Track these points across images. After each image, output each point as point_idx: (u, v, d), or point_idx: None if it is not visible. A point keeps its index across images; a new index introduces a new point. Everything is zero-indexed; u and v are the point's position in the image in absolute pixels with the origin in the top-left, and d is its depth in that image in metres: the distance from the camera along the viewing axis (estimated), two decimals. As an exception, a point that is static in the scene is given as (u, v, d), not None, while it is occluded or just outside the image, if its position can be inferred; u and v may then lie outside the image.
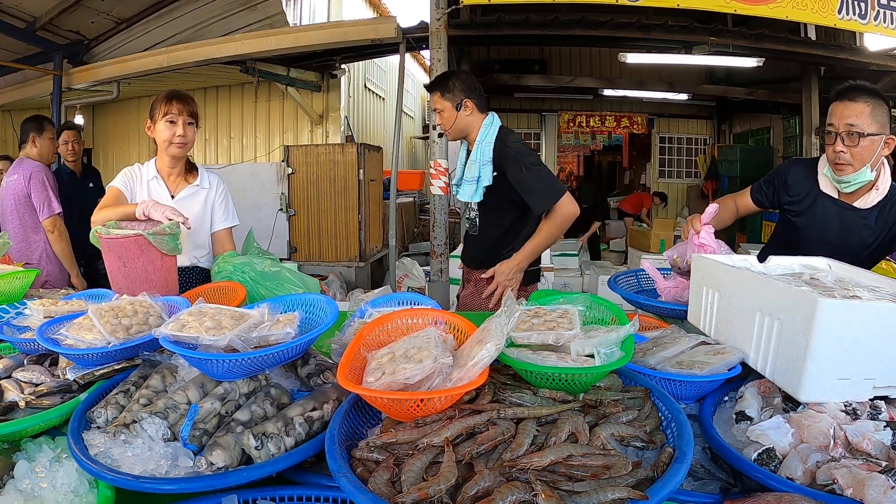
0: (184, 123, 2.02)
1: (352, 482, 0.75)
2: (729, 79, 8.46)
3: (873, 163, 1.67)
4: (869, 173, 1.68)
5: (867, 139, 1.63)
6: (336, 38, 5.32)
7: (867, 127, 1.63)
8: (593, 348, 1.01)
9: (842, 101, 1.68)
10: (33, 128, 3.40)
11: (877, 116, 1.64)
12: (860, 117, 1.63)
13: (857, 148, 1.64)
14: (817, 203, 1.81)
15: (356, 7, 9.56)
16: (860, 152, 1.65)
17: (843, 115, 1.66)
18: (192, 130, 2.06)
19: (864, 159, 1.66)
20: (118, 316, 1.23)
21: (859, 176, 1.68)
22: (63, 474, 0.90)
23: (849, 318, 0.95)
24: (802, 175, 1.86)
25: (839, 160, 1.68)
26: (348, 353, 1.01)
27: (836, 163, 1.70)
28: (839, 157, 1.67)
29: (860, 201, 1.75)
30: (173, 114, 2.01)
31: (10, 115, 7.95)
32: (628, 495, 0.72)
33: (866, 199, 1.75)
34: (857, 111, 1.64)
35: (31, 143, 3.37)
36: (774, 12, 4.18)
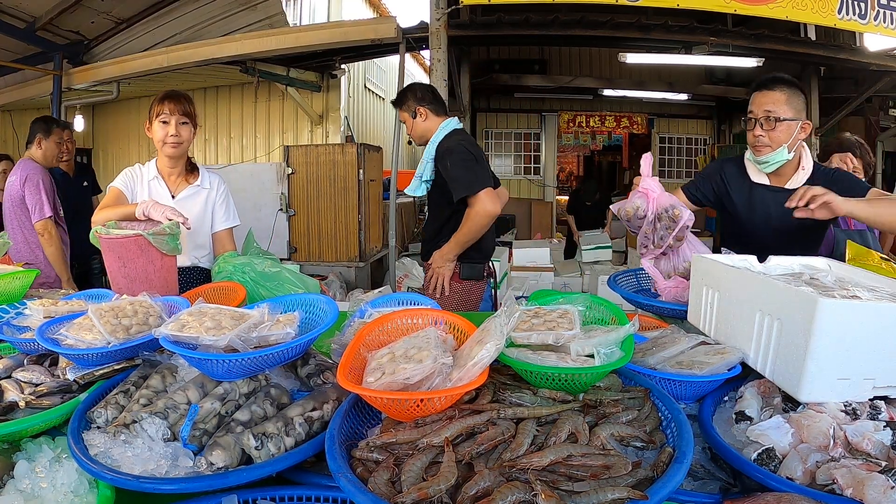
0: (177, 123, 2.02)
1: (352, 482, 0.75)
2: (729, 79, 8.46)
3: (790, 145, 1.83)
4: (786, 153, 1.84)
5: (783, 124, 1.80)
6: (336, 38, 5.31)
7: (783, 113, 1.80)
8: (593, 348, 1.01)
9: (760, 90, 1.86)
10: (41, 129, 3.41)
11: (793, 103, 1.81)
12: (777, 104, 1.81)
13: (774, 131, 1.81)
14: (753, 193, 1.95)
15: (356, 7, 9.56)
16: (777, 135, 1.81)
17: (762, 103, 1.84)
18: (186, 130, 2.05)
19: (780, 141, 1.82)
20: (118, 316, 1.23)
21: (777, 156, 1.84)
22: (63, 474, 0.90)
23: (849, 318, 0.95)
24: (735, 171, 2.01)
25: (758, 143, 1.86)
26: (348, 354, 1.01)
27: (755, 145, 1.88)
28: (758, 140, 1.85)
29: (791, 182, 1.90)
30: (166, 114, 2.02)
31: (9, 115, 7.95)
32: (628, 495, 0.72)
33: (795, 179, 1.89)
34: (774, 98, 1.82)
35: (37, 144, 3.39)
36: (774, 12, 4.18)
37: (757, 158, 1.88)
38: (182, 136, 2.04)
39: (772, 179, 1.93)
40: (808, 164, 1.91)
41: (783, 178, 1.91)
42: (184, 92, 2.13)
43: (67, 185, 3.99)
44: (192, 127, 2.08)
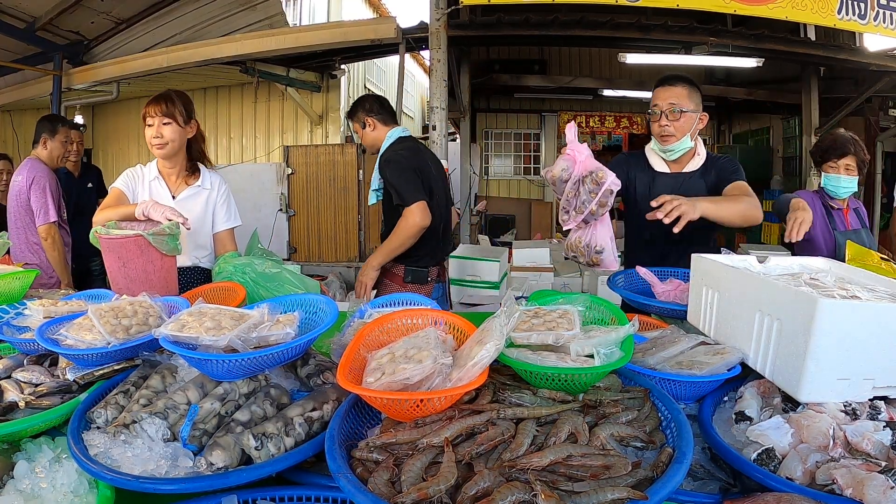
0: (159, 124, 2.03)
1: (351, 482, 0.75)
2: (728, 79, 8.46)
3: (691, 134, 2.02)
4: (689, 142, 2.03)
5: (686, 115, 1.99)
6: (336, 39, 5.32)
7: (686, 105, 1.99)
8: (593, 348, 1.01)
9: (664, 86, 2.05)
10: (46, 129, 3.38)
11: (692, 98, 2.02)
12: (680, 98, 2.00)
13: (678, 122, 1.99)
14: (657, 181, 2.10)
15: (356, 7, 9.56)
16: (681, 125, 1.99)
17: (666, 97, 2.01)
18: (169, 130, 2.04)
19: (684, 130, 2.00)
20: (118, 316, 1.23)
21: (682, 144, 2.02)
22: (63, 474, 0.90)
23: (849, 318, 0.95)
24: (638, 162, 2.16)
25: (664, 132, 2.01)
26: (348, 354, 1.01)
27: (661, 135, 2.03)
28: (664, 129, 2.01)
29: (688, 167, 2.09)
30: (150, 116, 2.04)
31: (9, 116, 7.95)
32: (628, 495, 0.72)
33: (692, 164, 2.09)
34: (677, 93, 2.01)
35: (42, 144, 3.36)
36: (774, 12, 4.17)
37: (663, 147, 2.04)
38: (165, 136, 2.04)
39: (672, 167, 2.10)
40: (702, 151, 2.11)
41: (682, 164, 2.10)
42: (173, 91, 2.11)
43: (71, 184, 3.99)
44: (179, 125, 2.06)
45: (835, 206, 2.56)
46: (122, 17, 5.87)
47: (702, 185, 2.05)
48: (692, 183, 2.06)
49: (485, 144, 10.34)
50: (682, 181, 2.06)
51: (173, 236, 1.68)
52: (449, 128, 5.52)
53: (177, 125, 2.05)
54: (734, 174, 2.02)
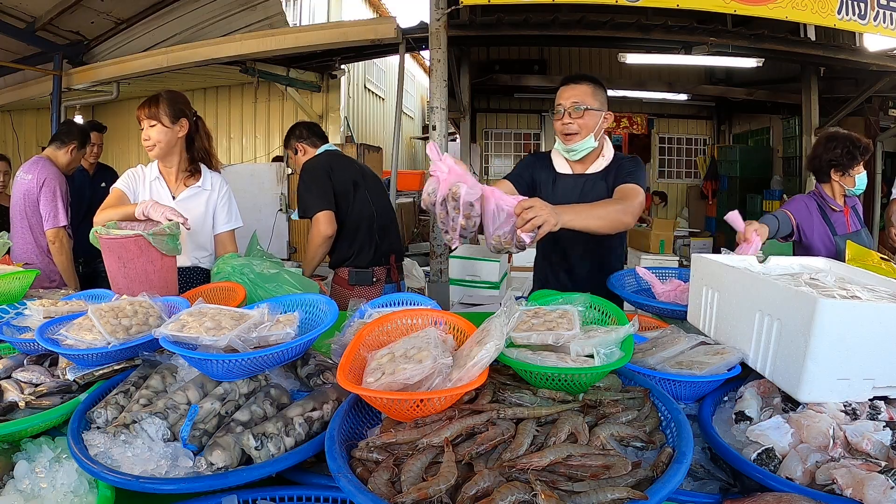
0: (147, 126, 2.05)
1: (352, 482, 0.75)
2: (728, 79, 8.46)
3: (596, 133, 1.96)
4: (592, 141, 1.97)
5: (590, 113, 1.93)
6: (336, 39, 5.31)
7: (590, 103, 1.93)
8: (593, 348, 1.01)
9: (568, 84, 1.99)
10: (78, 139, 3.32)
11: (597, 96, 1.96)
12: (583, 96, 1.94)
13: (582, 119, 1.93)
14: (558, 183, 2.06)
15: (356, 7, 9.56)
16: (585, 123, 1.94)
17: (570, 96, 1.95)
18: (155, 131, 2.04)
19: (588, 129, 1.94)
20: (118, 316, 1.23)
21: (585, 143, 1.96)
22: (63, 474, 0.90)
23: (849, 318, 0.95)
24: (543, 164, 2.11)
25: (567, 131, 1.96)
26: (348, 354, 1.01)
27: (565, 134, 1.97)
28: (567, 128, 1.95)
29: (592, 168, 2.03)
30: (140, 119, 2.06)
31: (9, 116, 7.95)
32: (628, 495, 0.72)
33: (596, 165, 2.03)
34: (581, 91, 1.95)
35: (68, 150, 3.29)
36: (774, 13, 4.17)
37: (567, 147, 1.99)
38: (152, 138, 2.04)
39: (575, 168, 2.05)
40: (609, 152, 2.05)
41: (585, 165, 2.04)
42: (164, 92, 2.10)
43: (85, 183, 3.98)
44: (165, 126, 2.05)
45: (835, 209, 2.49)
46: (122, 17, 5.87)
47: (603, 187, 1.98)
48: (593, 185, 2.00)
49: (485, 144, 10.35)
50: (584, 183, 2.01)
51: (173, 236, 1.68)
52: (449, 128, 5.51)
53: (162, 126, 2.04)
54: (629, 176, 1.92)
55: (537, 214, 1.39)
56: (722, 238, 9.03)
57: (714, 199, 9.92)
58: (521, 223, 1.39)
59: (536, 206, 1.40)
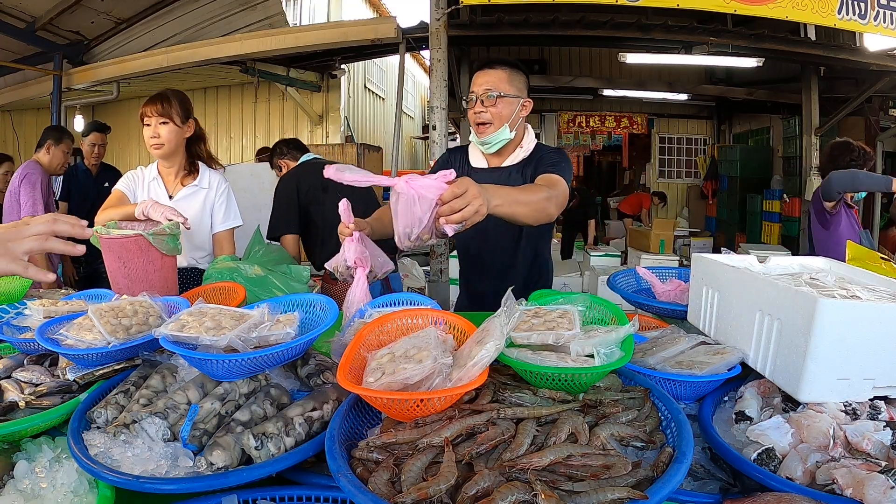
0: (156, 124, 2.03)
1: (352, 482, 0.75)
2: (729, 79, 8.46)
3: (512, 123, 1.82)
4: (508, 132, 1.81)
5: (504, 100, 1.79)
6: (336, 39, 5.32)
7: (504, 89, 1.79)
8: (593, 348, 1.01)
9: (481, 70, 1.84)
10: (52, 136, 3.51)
11: (514, 82, 1.81)
12: (497, 82, 1.79)
13: (495, 108, 1.78)
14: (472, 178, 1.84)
15: (356, 7, 9.57)
16: (498, 112, 1.79)
17: (483, 82, 1.81)
18: (166, 130, 2.04)
19: (502, 118, 1.80)
20: (118, 316, 1.23)
21: (500, 134, 1.81)
22: (63, 474, 0.90)
23: (849, 318, 0.95)
24: (458, 160, 1.99)
25: (479, 120, 1.81)
26: (348, 354, 1.01)
27: (477, 123, 1.82)
28: (479, 116, 1.80)
29: (508, 161, 1.89)
30: (147, 116, 2.05)
31: (9, 116, 7.95)
32: (628, 495, 0.72)
33: (513, 158, 1.89)
34: (495, 77, 1.80)
35: (46, 149, 3.48)
36: (774, 12, 4.18)
37: (480, 139, 1.84)
38: (162, 136, 2.04)
39: (492, 161, 1.91)
40: (528, 143, 1.90)
41: (502, 157, 1.90)
42: (170, 91, 2.11)
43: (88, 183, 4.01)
44: (176, 125, 2.05)
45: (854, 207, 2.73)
46: (122, 17, 5.87)
47: (519, 181, 1.83)
48: (508, 178, 1.86)
49: (485, 144, 10.32)
50: (499, 177, 1.86)
51: (173, 236, 1.68)
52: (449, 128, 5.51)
53: (174, 125, 2.05)
54: (552, 166, 1.76)
55: (469, 203, 1.17)
56: (722, 238, 9.04)
57: (714, 198, 9.93)
58: (449, 212, 1.17)
59: (469, 193, 1.18)
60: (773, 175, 8.75)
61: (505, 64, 1.84)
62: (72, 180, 4.12)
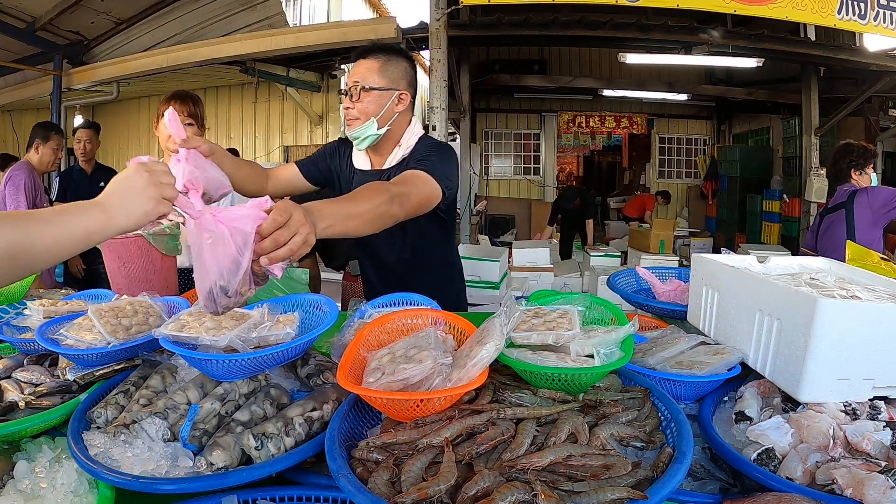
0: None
1: (352, 482, 0.75)
2: (728, 79, 8.47)
3: (382, 118, 1.66)
4: (374, 127, 1.66)
5: (371, 93, 1.64)
6: (336, 39, 5.32)
7: (373, 82, 1.64)
8: (593, 348, 1.01)
9: (356, 59, 1.69)
10: (40, 134, 3.50)
11: (387, 72, 1.66)
12: (367, 73, 1.65)
13: (361, 102, 1.65)
14: (355, 181, 1.78)
15: (356, 7, 9.57)
16: (364, 106, 1.65)
17: (354, 73, 1.67)
18: (191, 131, 2.04)
19: (368, 113, 1.65)
20: (118, 316, 1.23)
21: (365, 129, 1.66)
22: (63, 474, 0.90)
23: (849, 318, 0.95)
24: (345, 154, 1.84)
25: (348, 116, 1.69)
26: (348, 354, 1.01)
27: (346, 118, 1.70)
28: (348, 112, 1.68)
29: (388, 161, 1.74)
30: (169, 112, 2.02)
31: (9, 116, 7.95)
32: (628, 495, 0.72)
33: (392, 158, 1.74)
34: (366, 67, 1.66)
35: (35, 149, 3.48)
36: (774, 12, 4.18)
37: (350, 133, 1.71)
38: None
39: (374, 161, 1.77)
40: (409, 140, 1.73)
41: (383, 156, 1.75)
42: (193, 93, 2.12)
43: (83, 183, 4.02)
44: (199, 128, 2.07)
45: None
46: (122, 17, 5.87)
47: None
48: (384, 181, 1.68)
49: (485, 144, 10.35)
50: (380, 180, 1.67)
51: (173, 236, 1.68)
52: (449, 128, 5.52)
53: (197, 127, 2.06)
54: (421, 162, 1.59)
55: (295, 233, 0.92)
56: (722, 238, 9.04)
57: (714, 199, 9.93)
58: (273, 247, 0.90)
59: (294, 220, 0.92)
60: (773, 175, 8.75)
61: (382, 51, 1.69)
62: (68, 181, 4.14)
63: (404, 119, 1.73)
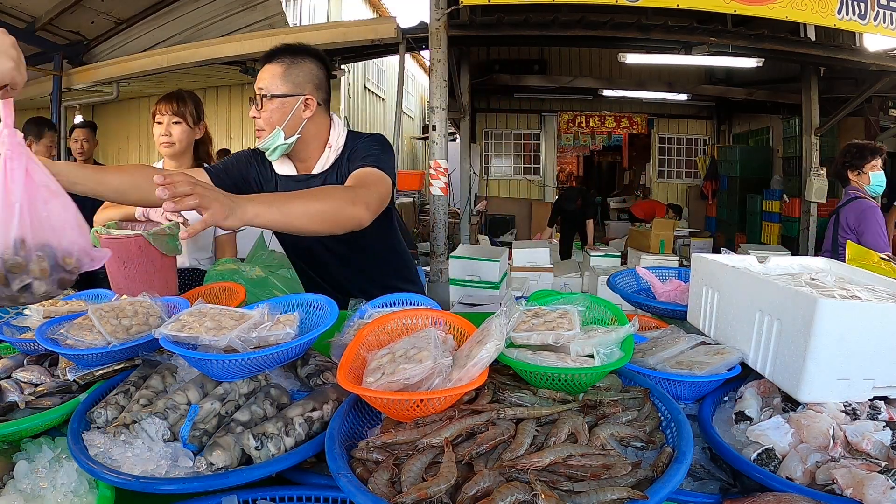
0: (168, 123, 2.02)
1: (351, 482, 0.75)
2: (728, 79, 8.47)
3: (289, 127, 1.57)
4: (281, 137, 1.57)
5: (274, 101, 1.55)
6: (336, 39, 5.32)
7: (276, 89, 1.55)
8: (593, 348, 1.01)
9: (262, 64, 1.59)
10: (32, 132, 3.43)
11: (291, 77, 1.56)
12: (271, 79, 1.56)
13: (266, 111, 1.55)
14: (280, 188, 1.69)
15: (356, 7, 9.57)
16: (269, 116, 1.55)
17: (258, 80, 1.58)
18: (178, 129, 2.04)
19: (273, 122, 1.56)
20: (118, 316, 1.23)
21: (272, 140, 1.57)
22: (63, 474, 0.90)
23: (849, 318, 0.95)
24: (260, 160, 1.72)
25: (256, 125, 1.60)
26: (348, 354, 1.01)
27: (256, 128, 1.61)
28: (256, 122, 1.59)
29: (317, 167, 1.66)
30: (160, 114, 2.03)
31: (9, 116, 7.94)
32: (628, 495, 0.72)
33: (324, 162, 1.65)
34: (270, 73, 1.56)
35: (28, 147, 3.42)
36: (774, 13, 4.18)
37: (258, 145, 1.62)
38: (173, 135, 2.03)
39: (299, 167, 1.67)
40: (339, 140, 1.65)
41: (309, 162, 1.65)
42: (184, 91, 2.13)
43: None
44: (188, 126, 2.06)
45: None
46: (122, 17, 5.87)
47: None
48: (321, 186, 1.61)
49: (485, 144, 10.36)
50: (310, 186, 1.59)
51: (173, 236, 1.68)
52: (449, 128, 5.52)
53: (186, 125, 2.05)
54: (366, 159, 1.54)
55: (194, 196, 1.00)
56: (722, 238, 9.05)
57: (714, 199, 9.94)
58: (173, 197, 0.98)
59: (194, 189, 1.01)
60: (773, 175, 8.75)
61: (287, 54, 1.58)
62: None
63: (319, 123, 1.64)
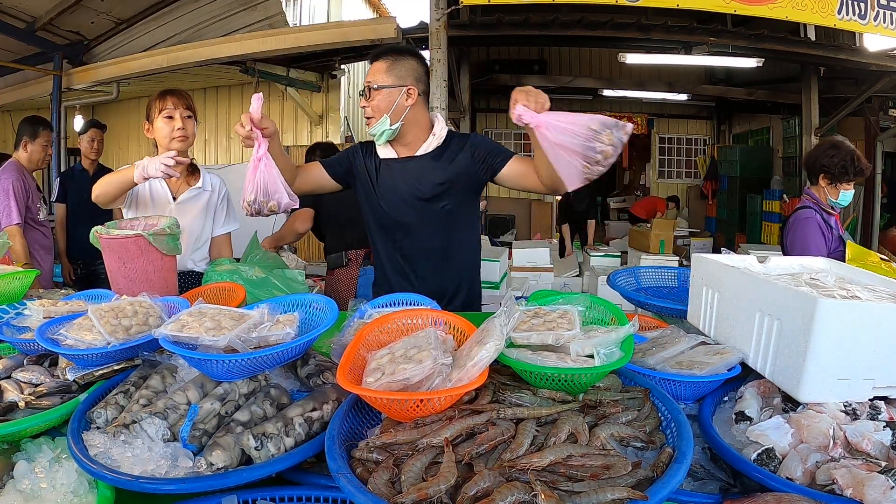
0: (182, 117, 2.00)
1: (351, 482, 0.75)
2: (728, 79, 8.46)
3: (394, 114, 1.82)
4: (388, 123, 1.82)
5: (381, 92, 1.80)
6: (336, 39, 5.31)
7: (381, 81, 1.81)
8: (593, 348, 1.01)
9: (370, 63, 1.87)
10: (27, 131, 3.41)
11: (394, 71, 1.81)
12: (377, 74, 1.82)
13: (374, 101, 1.81)
14: (381, 169, 1.93)
15: (356, 7, 9.57)
16: (377, 105, 1.82)
17: (367, 76, 1.85)
18: (191, 124, 2.04)
19: (381, 110, 1.82)
20: (118, 316, 1.23)
21: (379, 126, 1.83)
22: (63, 474, 0.90)
23: (849, 318, 0.95)
24: (367, 151, 1.97)
25: (365, 114, 1.86)
26: (348, 354, 1.01)
27: (365, 116, 1.87)
28: (365, 111, 1.86)
29: (421, 150, 1.91)
30: (169, 108, 2.00)
31: (9, 116, 7.94)
32: (628, 495, 0.72)
33: (427, 146, 1.90)
34: (376, 69, 1.83)
35: (23, 147, 3.39)
36: (774, 13, 4.17)
37: (368, 131, 1.89)
38: (188, 129, 2.02)
39: (401, 152, 1.92)
40: (441, 131, 1.91)
41: (413, 147, 1.91)
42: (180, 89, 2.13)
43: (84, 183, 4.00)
44: (195, 122, 2.07)
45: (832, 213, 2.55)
46: (122, 17, 5.87)
47: (435, 168, 1.88)
48: (423, 166, 1.89)
49: (485, 144, 10.31)
50: (416, 165, 1.89)
51: (173, 236, 1.68)
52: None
53: (194, 121, 2.06)
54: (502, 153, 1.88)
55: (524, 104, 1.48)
56: (722, 238, 9.04)
57: (714, 199, 9.93)
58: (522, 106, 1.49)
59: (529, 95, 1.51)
60: (773, 175, 8.75)
61: (389, 53, 1.85)
62: (69, 182, 4.12)
63: (420, 111, 1.88)
